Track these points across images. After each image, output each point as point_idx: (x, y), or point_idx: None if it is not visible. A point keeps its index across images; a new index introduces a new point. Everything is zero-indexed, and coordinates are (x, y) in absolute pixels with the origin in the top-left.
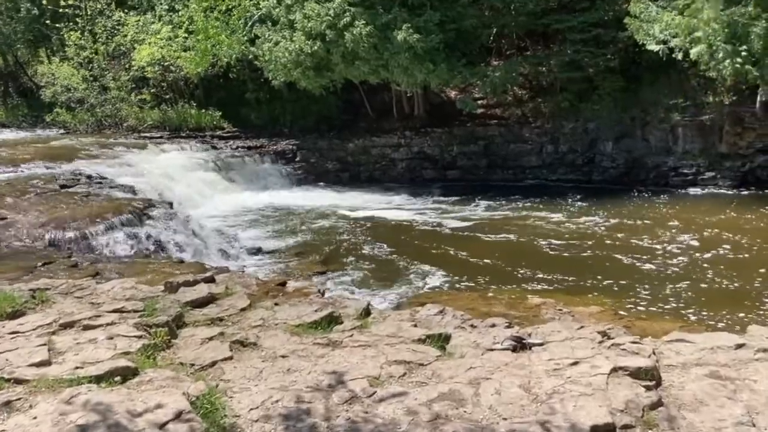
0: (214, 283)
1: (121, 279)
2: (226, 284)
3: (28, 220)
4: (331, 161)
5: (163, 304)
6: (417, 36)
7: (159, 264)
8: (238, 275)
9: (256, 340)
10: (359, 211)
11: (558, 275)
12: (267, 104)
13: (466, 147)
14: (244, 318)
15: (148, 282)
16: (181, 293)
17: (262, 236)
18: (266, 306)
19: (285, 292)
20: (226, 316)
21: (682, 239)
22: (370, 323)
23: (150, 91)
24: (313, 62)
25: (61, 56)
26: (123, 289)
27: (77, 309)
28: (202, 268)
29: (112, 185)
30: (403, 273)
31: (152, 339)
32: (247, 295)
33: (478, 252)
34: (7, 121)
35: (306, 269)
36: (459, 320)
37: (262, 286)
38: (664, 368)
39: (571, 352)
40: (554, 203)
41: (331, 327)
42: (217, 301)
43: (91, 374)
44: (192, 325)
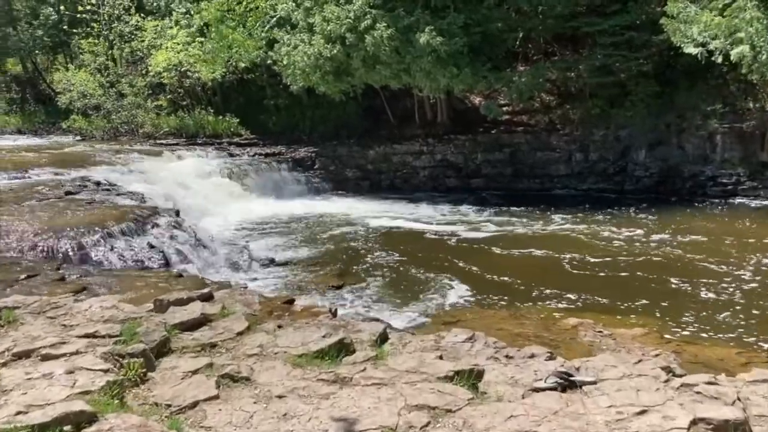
0: (211, 301)
1: (101, 297)
2: (224, 303)
3: (23, 228)
4: (350, 169)
5: (146, 327)
6: (440, 39)
7: (155, 277)
8: (240, 292)
9: (249, 374)
10: (379, 221)
11: (593, 292)
12: (286, 110)
13: (491, 155)
14: (239, 344)
15: (137, 299)
16: (170, 313)
17: (276, 246)
18: (267, 329)
19: (291, 312)
20: (219, 342)
21: (727, 253)
22: (386, 353)
23: (166, 98)
24: (333, 66)
25: (78, 62)
26: (102, 309)
27: (44, 332)
28: (200, 283)
29: (120, 192)
30: (425, 287)
31: (123, 373)
32: (248, 315)
33: (505, 265)
34: (23, 128)
35: (321, 282)
36: (492, 349)
37: (265, 304)
38: (754, 419)
39: (634, 397)
40: (584, 214)
41: (340, 357)
42: (211, 323)
43: (33, 422)
44: (178, 352)
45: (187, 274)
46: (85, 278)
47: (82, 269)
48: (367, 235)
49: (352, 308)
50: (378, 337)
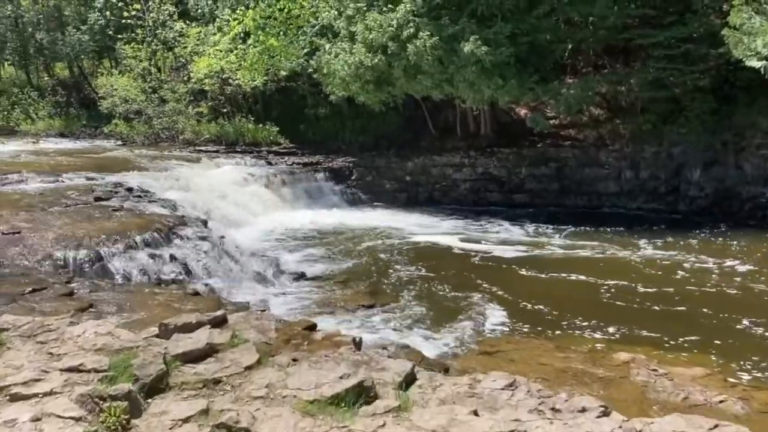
0: (224, 326)
1: (98, 321)
2: (235, 329)
3: (42, 235)
4: (388, 180)
5: (142, 359)
6: (485, 48)
7: (170, 295)
8: (257, 315)
9: (250, 424)
10: (415, 236)
11: (645, 323)
12: (326, 120)
13: (536, 169)
14: (246, 381)
15: (144, 321)
16: (173, 341)
17: (308, 259)
18: (280, 363)
19: (311, 341)
20: (224, 377)
21: None
22: (411, 403)
23: (207, 104)
24: (373, 76)
25: (121, 68)
26: (97, 335)
27: (27, 361)
28: (216, 304)
29: (151, 199)
30: (462, 310)
31: (101, 419)
32: (261, 345)
33: (548, 289)
34: (66, 131)
35: (351, 300)
36: (535, 399)
37: (283, 331)
38: None
39: None
40: (634, 236)
41: (358, 404)
42: (218, 354)
43: None
44: (176, 389)
45: (205, 291)
46: (95, 293)
47: (93, 283)
48: (402, 250)
49: (382, 331)
50: (404, 379)
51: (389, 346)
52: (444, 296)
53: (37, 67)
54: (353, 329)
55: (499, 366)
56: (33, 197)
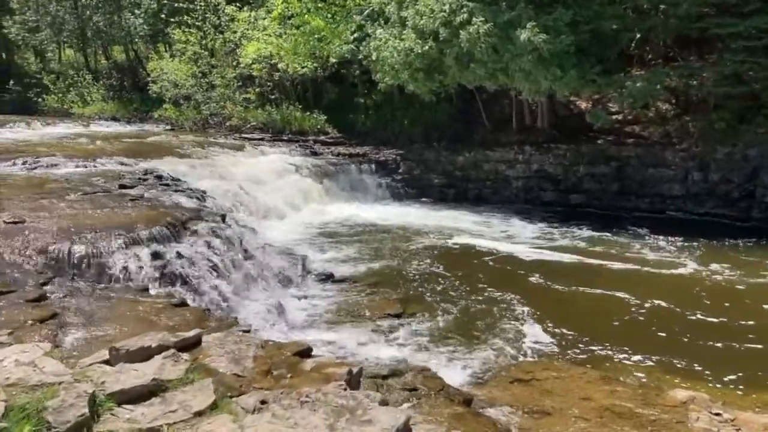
0: (193, 350)
1: (24, 346)
2: (205, 355)
3: (45, 226)
4: (436, 175)
5: (62, 399)
6: (544, 36)
7: (150, 304)
8: (237, 337)
9: None
10: (460, 236)
11: (708, 354)
12: (376, 110)
13: (595, 168)
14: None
15: (104, 339)
16: (114, 374)
17: (339, 258)
18: (244, 406)
19: (298, 372)
20: (164, 427)
21: None
22: None
23: (255, 90)
24: (424, 63)
25: (173, 51)
26: (17, 365)
27: None
28: (198, 318)
29: (179, 188)
30: (497, 326)
31: None
32: (230, 377)
33: (598, 306)
34: (118, 115)
35: (378, 308)
36: None
37: (265, 358)
38: None
39: None
40: (702, 245)
41: None
42: (167, 393)
43: None
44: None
45: (209, 295)
46: (68, 299)
47: (71, 287)
48: (442, 252)
49: (404, 347)
50: None
51: (406, 371)
52: (479, 308)
53: (95, 50)
54: (370, 344)
55: (533, 399)
56: (56, 183)
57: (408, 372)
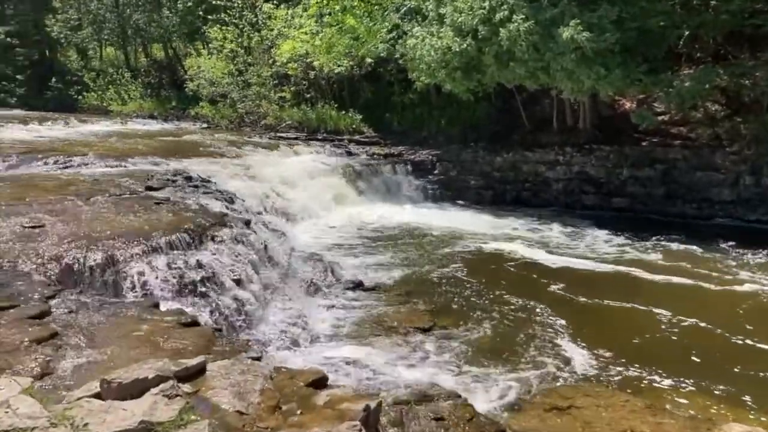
0: (196, 380)
1: (4, 380)
2: (207, 387)
3: (64, 231)
4: (473, 176)
5: None
6: (587, 35)
7: (157, 323)
8: (245, 366)
9: None
10: (496, 241)
11: None
12: (412, 109)
13: (640, 171)
14: None
15: (103, 365)
16: (99, 415)
17: (370, 264)
18: None
19: (309, 407)
20: None
21: None
22: None
23: (290, 89)
24: (462, 62)
25: (210, 49)
26: None
27: None
28: (207, 341)
29: (207, 190)
30: (534, 343)
31: None
32: (232, 415)
33: (645, 322)
34: (156, 112)
35: (406, 321)
36: None
37: (274, 390)
38: None
39: None
40: (756, 256)
41: None
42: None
43: None
44: None
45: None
46: (72, 316)
47: (78, 301)
48: (478, 259)
49: (432, 366)
50: None
51: (434, 397)
52: (514, 322)
53: (135, 48)
54: (397, 363)
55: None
56: (84, 183)
57: (435, 398)
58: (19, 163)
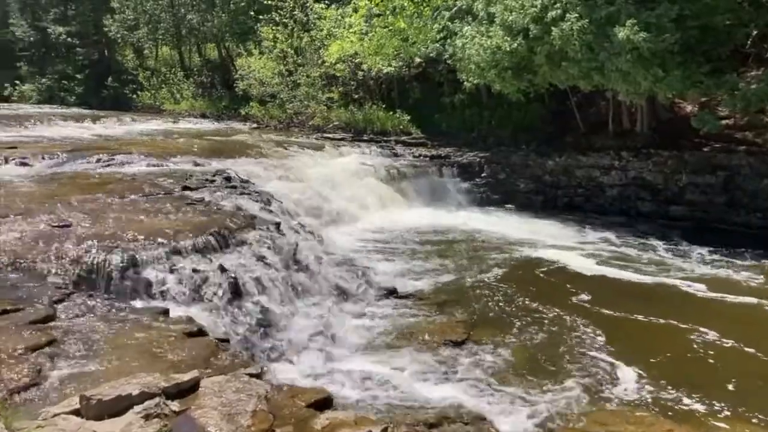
0: (188, 396)
1: None
2: (199, 404)
3: (89, 231)
4: (523, 180)
5: None
6: (644, 34)
7: (161, 331)
8: (242, 383)
9: None
10: (544, 249)
11: None
12: (462, 110)
13: (700, 177)
14: None
15: (93, 376)
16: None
17: (408, 270)
18: None
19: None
20: None
21: None
22: None
23: (338, 90)
24: (512, 62)
25: (261, 49)
26: None
27: None
28: (210, 352)
29: (245, 191)
30: (572, 361)
31: None
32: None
33: (701, 346)
34: (207, 112)
35: (439, 332)
36: None
37: (270, 411)
38: None
39: None
40: None
41: None
42: None
43: None
44: None
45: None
46: (77, 320)
47: (84, 305)
48: (523, 268)
49: (461, 384)
50: None
51: (457, 420)
52: (556, 338)
53: (189, 48)
54: (424, 378)
55: None
56: (120, 182)
57: (459, 420)
58: (64, 161)
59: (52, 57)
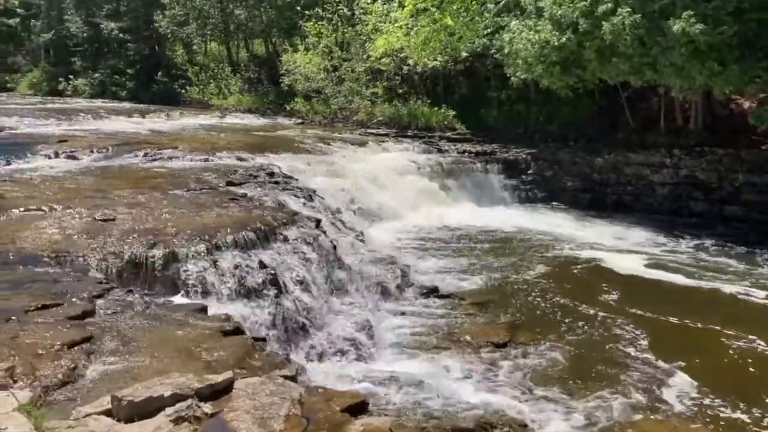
0: (221, 398)
1: None
2: (231, 407)
3: (133, 225)
4: (570, 177)
5: None
6: (700, 27)
7: (199, 330)
8: (276, 385)
9: None
10: (592, 250)
11: None
12: (509, 105)
13: (757, 176)
14: None
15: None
16: None
17: (450, 268)
18: None
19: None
20: None
21: None
22: None
23: (383, 85)
24: (560, 57)
25: (306, 44)
26: None
27: None
28: (245, 351)
29: (287, 187)
30: (619, 367)
31: None
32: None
33: (760, 350)
34: (254, 107)
35: (481, 333)
36: None
37: (296, 421)
38: None
39: None
40: None
41: None
42: None
43: None
44: None
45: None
46: (114, 317)
47: (123, 302)
48: (569, 269)
49: (502, 390)
50: None
51: (496, 425)
52: (602, 342)
53: (237, 43)
54: (464, 381)
55: None
56: (165, 177)
57: (500, 427)
58: (112, 155)
59: (104, 52)
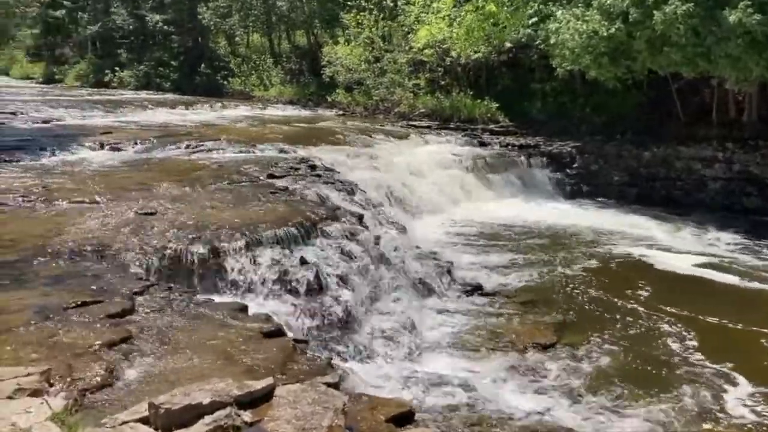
0: (262, 405)
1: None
2: (272, 415)
3: (174, 219)
4: (617, 172)
5: None
6: (759, 17)
7: (238, 330)
8: (317, 393)
9: None
10: (640, 247)
11: None
12: (554, 97)
13: None
14: None
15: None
16: None
17: (493, 265)
18: None
19: None
20: None
21: None
22: None
23: (425, 76)
24: (609, 47)
25: (347, 36)
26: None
27: None
28: (287, 354)
29: (329, 180)
30: (674, 371)
31: None
32: None
33: None
34: (295, 98)
35: (527, 333)
36: None
37: (339, 431)
38: None
39: None
40: None
41: None
42: None
43: None
44: None
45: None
46: (154, 315)
47: (164, 300)
48: (618, 266)
49: (548, 395)
50: None
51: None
52: (655, 344)
53: (279, 34)
54: (509, 385)
55: None
56: (207, 169)
57: None
58: (153, 147)
59: (149, 44)
